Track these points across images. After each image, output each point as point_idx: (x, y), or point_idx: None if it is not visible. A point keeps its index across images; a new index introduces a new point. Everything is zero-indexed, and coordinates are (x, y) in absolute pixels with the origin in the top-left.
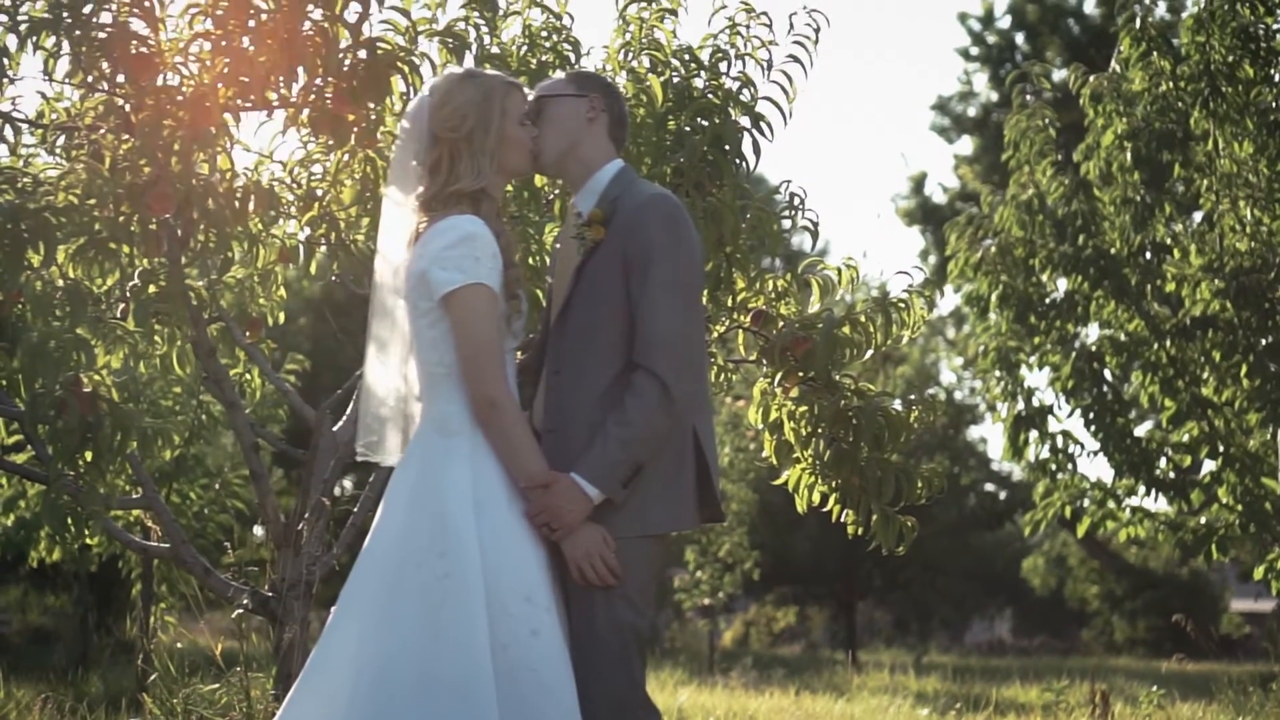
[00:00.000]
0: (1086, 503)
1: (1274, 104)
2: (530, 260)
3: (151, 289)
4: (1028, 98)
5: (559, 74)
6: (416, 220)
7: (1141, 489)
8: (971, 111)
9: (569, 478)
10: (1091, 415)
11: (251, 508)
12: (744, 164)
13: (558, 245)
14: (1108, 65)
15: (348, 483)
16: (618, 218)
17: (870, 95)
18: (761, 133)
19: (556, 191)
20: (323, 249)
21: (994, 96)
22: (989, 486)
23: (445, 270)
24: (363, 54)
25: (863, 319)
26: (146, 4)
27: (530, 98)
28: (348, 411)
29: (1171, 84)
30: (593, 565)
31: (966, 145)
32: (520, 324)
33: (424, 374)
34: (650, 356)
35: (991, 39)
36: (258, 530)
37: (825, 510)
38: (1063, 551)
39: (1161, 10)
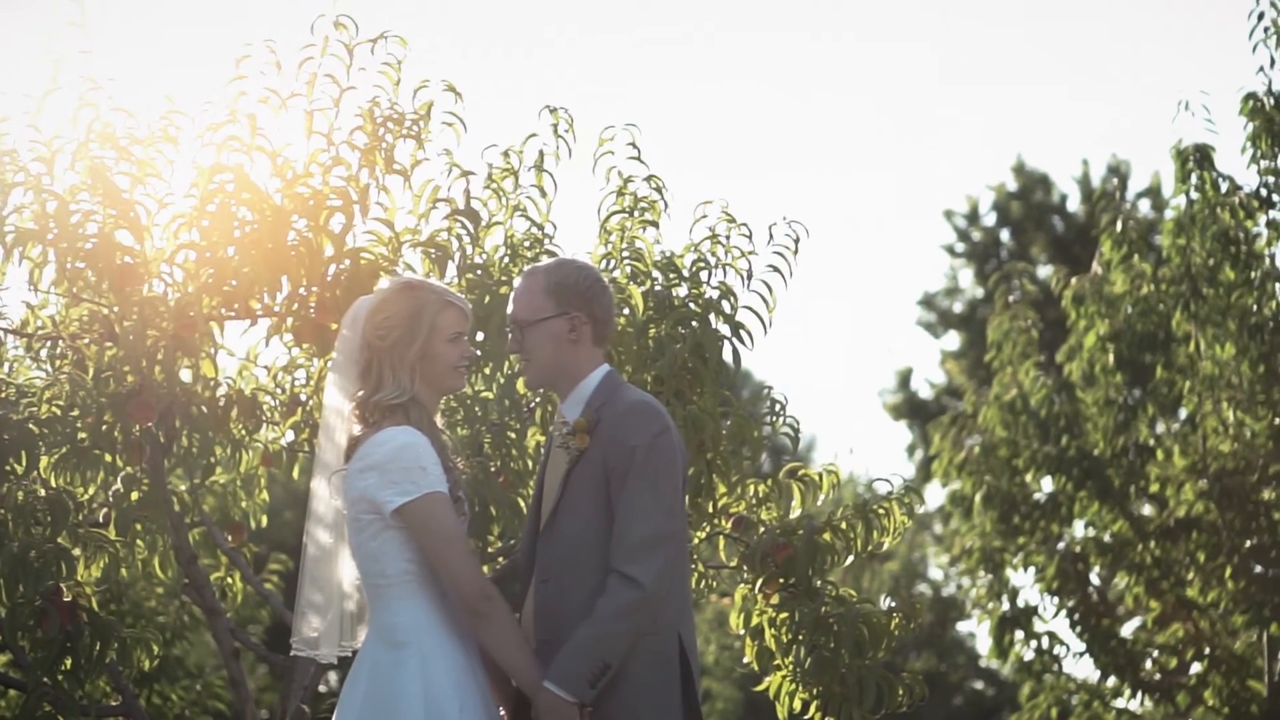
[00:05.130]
0: (1074, 702)
1: (1255, 307)
2: (512, 465)
3: (134, 496)
4: (1010, 298)
5: (539, 264)
6: (350, 428)
7: (1127, 690)
8: (957, 307)
9: (545, 690)
10: (1076, 616)
11: (233, 708)
12: (725, 371)
13: (545, 453)
14: (1092, 261)
15: (333, 676)
16: (601, 426)
17: (856, 290)
18: (741, 341)
19: (537, 400)
20: (305, 453)
21: (979, 292)
22: (978, 684)
23: (396, 484)
24: (346, 264)
25: (843, 525)
26: (132, 214)
27: (508, 314)
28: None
29: (1153, 286)
30: None
31: (953, 340)
32: (464, 526)
33: (366, 585)
34: (622, 560)
35: (976, 235)
36: None
37: (807, 718)
38: None
39: (1145, 209)
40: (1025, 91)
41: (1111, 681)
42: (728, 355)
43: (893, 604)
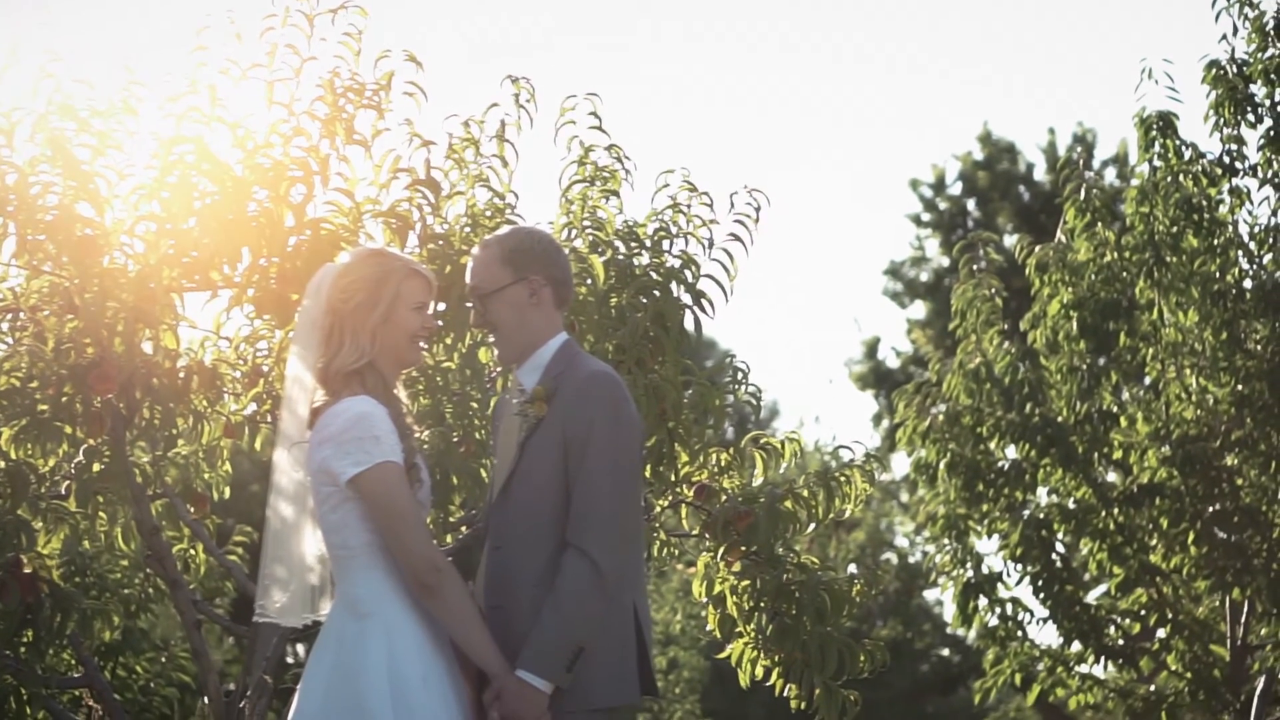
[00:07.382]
0: (1039, 668)
1: (1217, 274)
2: (478, 435)
3: (95, 467)
4: (975, 267)
5: (491, 235)
6: (312, 394)
7: (1091, 656)
8: (924, 276)
9: (517, 678)
10: (1040, 582)
11: (197, 680)
12: (686, 339)
13: (500, 421)
14: (1057, 230)
15: (299, 648)
16: (560, 394)
17: (823, 259)
18: (703, 309)
19: (499, 370)
20: (268, 424)
21: (946, 262)
22: (944, 651)
23: (349, 454)
24: (307, 234)
25: (805, 493)
26: (92, 186)
27: (468, 288)
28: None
29: (1116, 254)
30: None
31: (919, 310)
32: (425, 493)
33: (331, 557)
34: (582, 535)
35: (943, 205)
36: (206, 700)
37: (769, 684)
38: (1018, 717)
39: (1111, 177)
40: (992, 61)
41: (1075, 647)
42: (689, 324)
43: (855, 572)
